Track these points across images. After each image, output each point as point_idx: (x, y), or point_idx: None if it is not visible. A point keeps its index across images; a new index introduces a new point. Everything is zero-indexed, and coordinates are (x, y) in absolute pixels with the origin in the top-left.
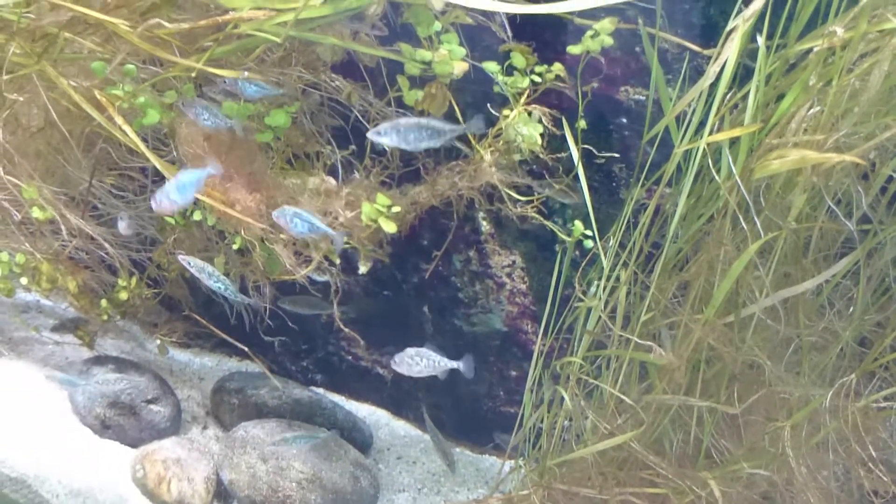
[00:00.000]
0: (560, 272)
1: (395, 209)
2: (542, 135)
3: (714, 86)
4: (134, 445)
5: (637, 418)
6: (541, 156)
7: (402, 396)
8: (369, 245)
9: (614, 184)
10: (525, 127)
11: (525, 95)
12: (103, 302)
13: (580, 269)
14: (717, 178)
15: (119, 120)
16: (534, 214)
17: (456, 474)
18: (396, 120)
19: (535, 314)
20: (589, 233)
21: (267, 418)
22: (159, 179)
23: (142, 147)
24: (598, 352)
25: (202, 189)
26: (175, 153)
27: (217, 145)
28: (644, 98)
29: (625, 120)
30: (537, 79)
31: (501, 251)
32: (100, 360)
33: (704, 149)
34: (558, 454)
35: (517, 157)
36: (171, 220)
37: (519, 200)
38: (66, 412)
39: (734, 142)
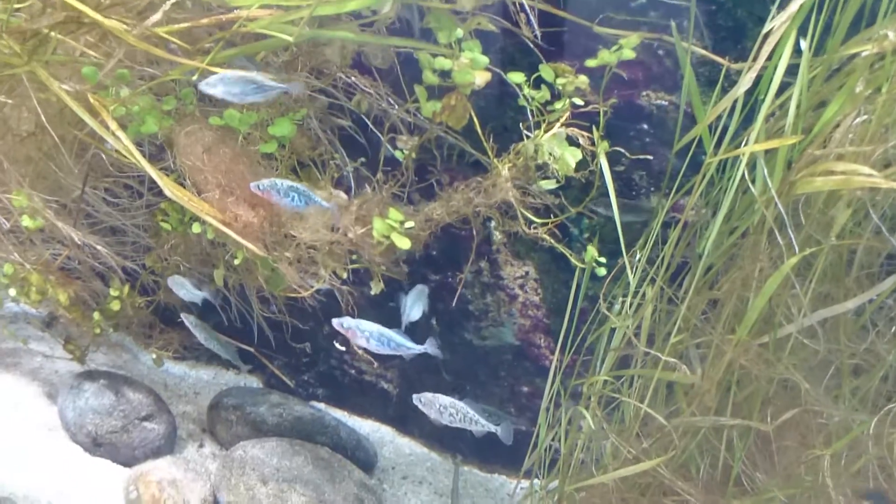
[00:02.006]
0: (578, 286)
1: (409, 224)
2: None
3: (748, 93)
4: (127, 464)
5: (662, 442)
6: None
7: (407, 412)
8: (382, 264)
9: (634, 192)
10: (558, 149)
11: (565, 117)
12: (95, 314)
13: (605, 283)
14: (752, 189)
15: (113, 126)
16: (546, 237)
17: (464, 495)
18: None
19: (548, 328)
20: (602, 260)
21: (266, 436)
22: (155, 187)
23: (136, 156)
24: (624, 371)
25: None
26: (172, 164)
27: (218, 157)
28: (666, 104)
29: (646, 126)
30: (579, 101)
31: (514, 262)
32: (91, 375)
33: (738, 159)
34: (577, 478)
35: (546, 184)
36: (167, 227)
37: (534, 222)
38: (55, 428)
39: (769, 150)
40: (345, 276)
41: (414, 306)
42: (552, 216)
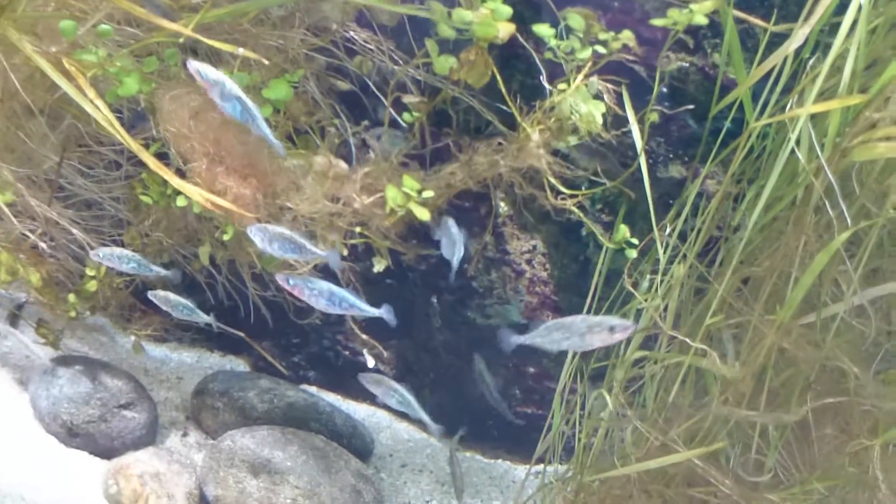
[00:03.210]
0: (589, 260)
1: (427, 194)
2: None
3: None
4: (106, 456)
5: (689, 428)
6: (602, 134)
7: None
8: (390, 237)
9: (651, 160)
10: (584, 104)
11: (587, 67)
12: (70, 297)
13: (629, 260)
14: (799, 156)
15: (91, 92)
16: (575, 210)
17: (466, 483)
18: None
19: (556, 305)
20: (634, 241)
21: (256, 424)
22: (134, 157)
23: (116, 126)
24: (650, 353)
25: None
26: (155, 131)
27: (205, 123)
28: (687, 65)
29: (665, 90)
30: (601, 49)
31: (521, 235)
32: (66, 361)
33: (776, 126)
34: (596, 467)
35: (572, 139)
36: (148, 200)
37: (562, 192)
38: (27, 418)
39: (816, 115)
40: (345, 252)
41: (458, 241)
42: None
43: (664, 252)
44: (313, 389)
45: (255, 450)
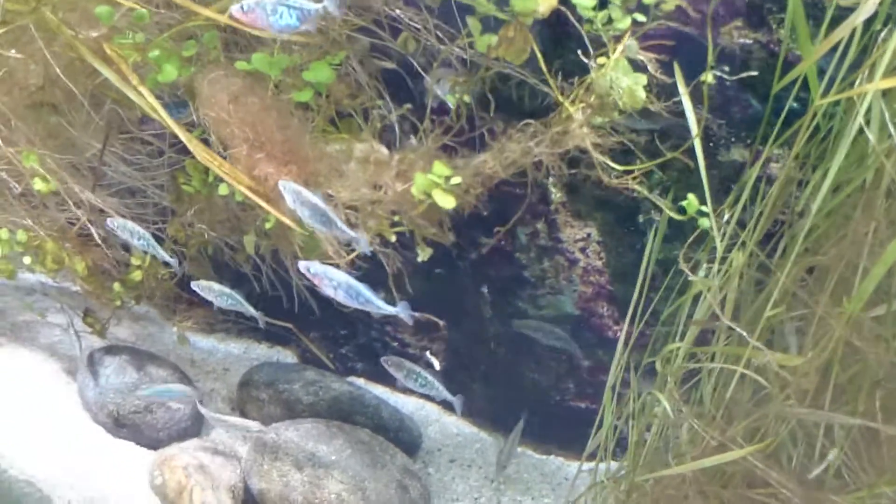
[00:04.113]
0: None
1: (455, 180)
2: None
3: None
4: (151, 447)
5: (748, 426)
6: (650, 107)
7: (454, 389)
8: (424, 225)
9: (711, 143)
10: (625, 77)
11: (626, 38)
12: (116, 285)
13: (685, 245)
14: (869, 136)
15: (133, 78)
16: (636, 187)
17: (517, 479)
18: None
19: (612, 295)
20: (705, 208)
21: (301, 417)
22: (177, 143)
23: (159, 110)
24: (707, 348)
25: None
26: (195, 117)
27: (245, 107)
28: (751, 42)
29: (727, 68)
30: (641, 17)
31: (574, 222)
32: (112, 350)
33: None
34: (649, 466)
35: (615, 115)
36: (191, 189)
37: (615, 169)
38: (75, 407)
39: (888, 91)
40: (393, 238)
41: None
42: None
43: (721, 240)
44: (361, 381)
45: (300, 443)
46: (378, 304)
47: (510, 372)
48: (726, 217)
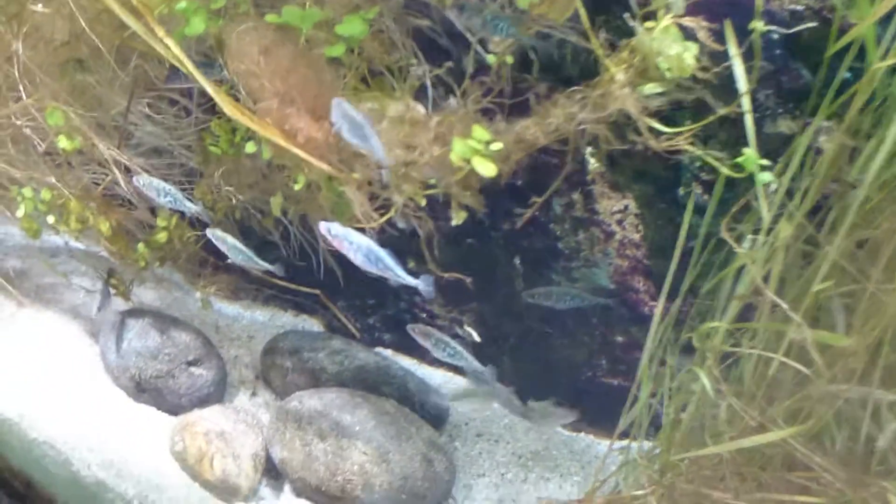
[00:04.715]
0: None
1: (496, 146)
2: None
3: None
4: (173, 412)
5: (790, 410)
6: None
7: (483, 361)
8: (464, 194)
9: (758, 114)
10: (675, 44)
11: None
12: (140, 246)
13: (728, 215)
14: None
15: (160, 31)
16: (688, 147)
17: (546, 457)
18: None
19: (649, 269)
20: (765, 161)
21: (326, 386)
22: (206, 101)
23: (188, 64)
24: (751, 324)
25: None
26: (224, 71)
27: (276, 61)
28: (803, 8)
29: (775, 36)
30: None
31: (612, 194)
32: (135, 313)
33: None
34: (684, 445)
35: (658, 86)
36: (218, 150)
37: (664, 132)
38: (97, 370)
39: None
40: (424, 203)
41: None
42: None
43: (769, 210)
44: (388, 353)
45: (323, 412)
46: (398, 273)
47: (541, 346)
48: (773, 186)
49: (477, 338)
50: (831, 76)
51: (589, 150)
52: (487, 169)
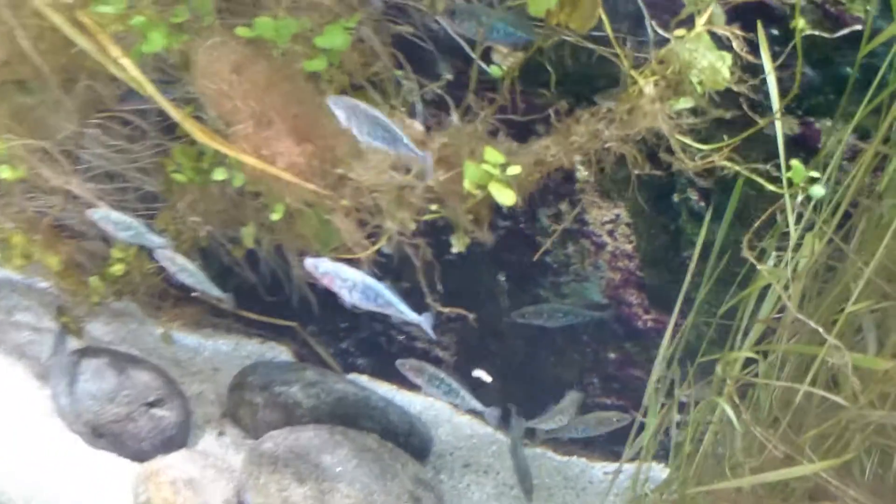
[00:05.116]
0: (680, 231)
1: (513, 170)
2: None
3: None
4: (135, 458)
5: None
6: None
7: (467, 386)
8: (469, 217)
9: (758, 114)
10: (708, 53)
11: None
12: (93, 280)
13: (751, 229)
14: None
15: (115, 51)
16: (727, 163)
17: (539, 486)
18: None
19: (641, 282)
20: (815, 174)
21: (301, 423)
22: (163, 120)
23: (149, 87)
24: (775, 347)
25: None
26: (189, 89)
27: (249, 79)
28: (803, 2)
29: (775, 32)
30: None
31: (602, 203)
32: (89, 353)
33: None
34: (699, 478)
35: (688, 101)
36: (182, 178)
37: (700, 150)
38: (49, 414)
39: None
40: (413, 226)
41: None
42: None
43: (795, 224)
44: (364, 379)
45: (301, 453)
46: (400, 309)
47: (529, 366)
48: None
49: (488, 378)
50: (838, 74)
51: (578, 157)
52: (506, 197)
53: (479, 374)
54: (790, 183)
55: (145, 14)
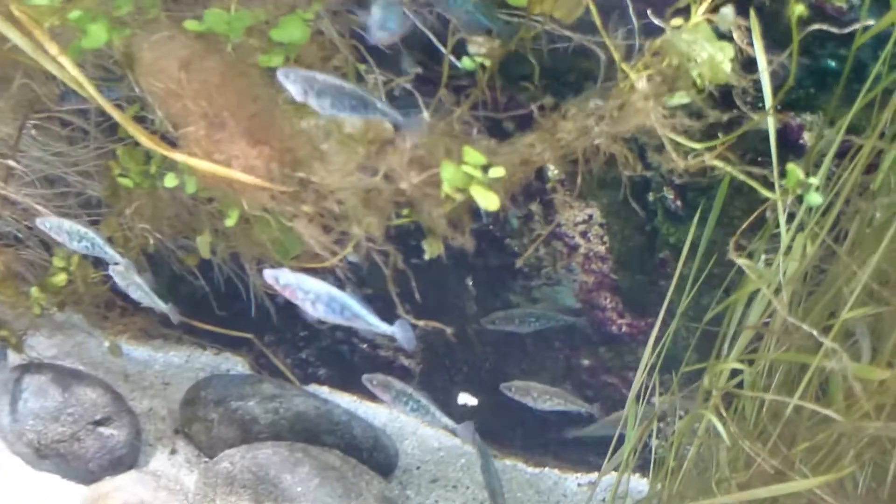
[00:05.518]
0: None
1: (496, 172)
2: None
3: None
4: (81, 480)
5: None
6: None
7: (434, 395)
8: (451, 228)
9: (735, 110)
10: (709, 45)
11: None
12: (34, 291)
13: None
14: None
15: (53, 48)
16: (717, 163)
17: (510, 500)
18: None
19: (615, 285)
20: (814, 180)
21: (259, 440)
22: (104, 120)
23: (89, 87)
24: (763, 355)
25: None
26: (136, 88)
27: (200, 76)
28: None
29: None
30: None
31: (574, 203)
32: (31, 369)
33: None
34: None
35: (684, 96)
36: (129, 182)
37: (692, 149)
38: None
39: None
40: (377, 233)
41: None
42: None
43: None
44: (325, 390)
45: (259, 472)
46: (370, 321)
47: (497, 374)
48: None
49: (474, 401)
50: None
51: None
52: (489, 201)
53: (465, 398)
54: (784, 187)
55: (84, 6)
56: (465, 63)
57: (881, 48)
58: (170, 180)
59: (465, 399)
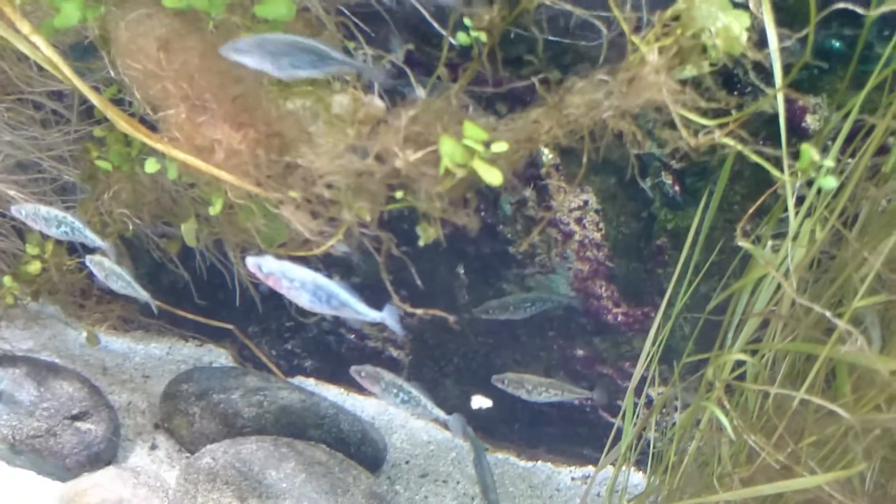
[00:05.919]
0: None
1: (499, 147)
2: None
3: None
4: (58, 477)
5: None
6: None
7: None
8: (452, 208)
9: (735, 92)
10: (723, 14)
11: None
12: (6, 280)
13: (746, 214)
14: None
15: (25, 27)
16: (728, 141)
17: (503, 496)
18: None
19: (611, 273)
20: (829, 162)
21: (243, 434)
22: (82, 104)
23: (64, 69)
24: (769, 345)
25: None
26: (111, 70)
27: (181, 57)
28: None
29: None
30: None
31: (569, 188)
32: (5, 361)
33: None
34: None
35: (694, 68)
36: (107, 165)
37: (705, 126)
38: None
39: None
40: (368, 217)
41: None
42: None
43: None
44: (311, 382)
45: (242, 468)
46: (358, 310)
47: (489, 365)
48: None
49: (488, 402)
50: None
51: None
52: (493, 176)
53: (479, 399)
54: (796, 170)
55: None
56: (461, 38)
57: (887, 28)
58: (150, 165)
59: (480, 402)
